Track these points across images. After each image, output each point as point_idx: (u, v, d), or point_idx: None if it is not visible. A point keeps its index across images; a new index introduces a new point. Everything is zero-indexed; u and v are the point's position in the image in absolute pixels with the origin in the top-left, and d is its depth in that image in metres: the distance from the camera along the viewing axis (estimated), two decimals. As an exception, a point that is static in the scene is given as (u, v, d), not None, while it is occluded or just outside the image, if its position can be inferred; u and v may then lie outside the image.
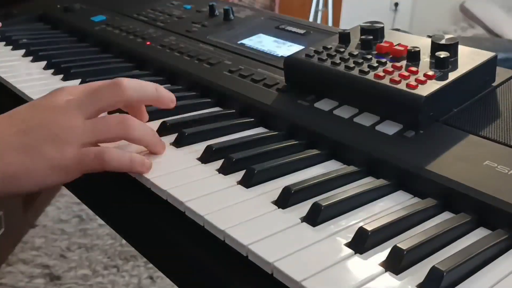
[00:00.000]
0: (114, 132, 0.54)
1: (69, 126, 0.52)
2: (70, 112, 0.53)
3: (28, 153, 0.51)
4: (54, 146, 0.51)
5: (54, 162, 0.51)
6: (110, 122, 0.54)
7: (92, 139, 0.53)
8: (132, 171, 0.53)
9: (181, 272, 0.50)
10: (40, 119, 0.52)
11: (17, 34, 1.01)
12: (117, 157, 0.53)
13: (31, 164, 0.50)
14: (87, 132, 0.53)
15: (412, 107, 0.56)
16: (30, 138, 0.51)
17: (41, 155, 0.51)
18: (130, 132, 0.54)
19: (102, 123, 0.54)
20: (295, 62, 0.68)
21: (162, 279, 1.69)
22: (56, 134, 0.51)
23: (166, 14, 1.02)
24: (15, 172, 0.50)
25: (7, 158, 0.50)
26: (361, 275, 0.40)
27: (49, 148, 0.51)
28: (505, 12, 3.19)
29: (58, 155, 0.51)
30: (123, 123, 0.54)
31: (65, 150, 0.51)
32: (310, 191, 0.50)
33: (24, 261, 1.74)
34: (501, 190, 0.46)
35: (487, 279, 0.40)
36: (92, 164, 0.52)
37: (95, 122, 0.53)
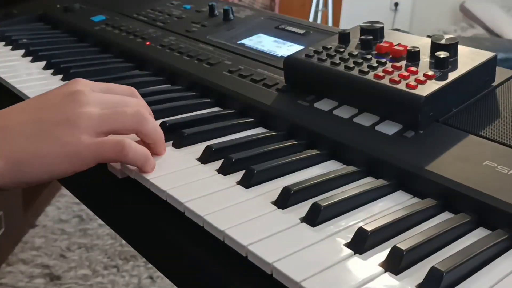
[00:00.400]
0: (129, 124, 0.53)
1: (85, 112, 0.50)
2: (87, 99, 0.52)
3: (41, 137, 0.49)
4: (69, 131, 0.49)
5: (69, 147, 0.49)
6: (127, 112, 0.53)
7: (106, 128, 0.51)
8: (142, 168, 0.53)
9: (181, 272, 0.50)
10: (54, 104, 0.51)
11: (17, 34, 1.01)
12: (135, 150, 0.51)
13: (44, 149, 0.48)
14: (103, 120, 0.51)
15: (411, 107, 0.56)
16: (43, 123, 0.49)
17: (55, 139, 0.49)
18: (144, 125, 0.53)
19: (118, 113, 0.52)
20: (295, 62, 0.68)
21: (162, 279, 1.69)
22: (72, 118, 0.50)
23: (166, 14, 1.02)
24: (26, 159, 0.48)
25: (18, 145, 0.48)
26: (361, 275, 0.40)
27: (63, 132, 0.49)
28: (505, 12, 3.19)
29: (74, 140, 0.49)
30: (138, 115, 0.53)
31: (81, 135, 0.49)
32: (309, 191, 0.50)
33: (24, 261, 1.74)
34: (501, 190, 0.46)
35: (487, 279, 0.40)
36: (110, 153, 0.51)
37: (112, 112, 0.52)
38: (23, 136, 0.49)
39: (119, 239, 1.84)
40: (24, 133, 0.49)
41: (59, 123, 0.49)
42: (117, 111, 0.52)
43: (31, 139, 0.49)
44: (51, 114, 0.50)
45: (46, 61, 0.87)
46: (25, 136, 0.49)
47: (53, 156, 0.49)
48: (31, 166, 0.49)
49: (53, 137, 0.49)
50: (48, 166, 0.49)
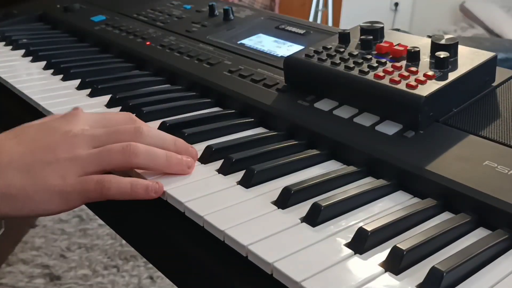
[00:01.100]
0: (118, 162, 0.51)
1: (75, 153, 0.51)
2: (80, 142, 0.51)
3: (30, 176, 0.49)
4: (56, 172, 0.49)
5: (55, 189, 0.49)
6: (114, 150, 0.51)
7: (96, 168, 0.51)
8: (137, 198, 0.51)
9: (181, 272, 0.50)
10: (48, 142, 0.51)
11: (17, 34, 1.01)
12: (117, 184, 0.50)
13: (32, 188, 0.49)
14: (91, 161, 0.51)
15: (412, 107, 0.56)
16: (35, 160, 0.50)
17: (42, 180, 0.49)
18: (134, 161, 0.51)
19: (105, 151, 0.51)
20: (295, 62, 0.68)
21: (162, 279, 1.69)
22: (61, 160, 0.50)
23: (166, 14, 1.02)
24: (15, 194, 0.49)
25: (9, 178, 0.49)
26: (361, 275, 0.40)
27: (51, 173, 0.49)
28: (505, 12, 3.19)
29: (60, 182, 0.49)
30: (127, 151, 0.51)
31: (67, 177, 0.50)
32: (309, 192, 0.50)
33: (24, 261, 1.74)
34: (501, 190, 0.46)
35: (487, 279, 0.40)
36: (93, 193, 0.50)
37: (100, 151, 0.51)
38: (16, 170, 0.49)
39: (119, 239, 1.84)
40: (17, 166, 0.49)
41: (49, 163, 0.50)
42: (104, 149, 0.51)
43: (22, 175, 0.49)
44: (43, 153, 0.50)
45: (46, 61, 0.87)
46: (17, 169, 0.49)
47: (40, 197, 0.49)
48: (19, 202, 0.49)
49: (41, 177, 0.49)
50: (36, 204, 0.50)
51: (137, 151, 0.51)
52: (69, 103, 0.72)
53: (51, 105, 0.70)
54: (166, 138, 0.55)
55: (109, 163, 0.51)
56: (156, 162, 0.52)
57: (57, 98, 0.74)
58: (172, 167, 0.53)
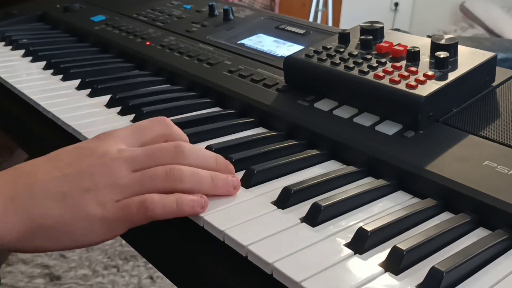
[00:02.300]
0: (161, 186, 0.47)
1: (115, 179, 0.47)
2: (118, 165, 0.47)
3: (68, 204, 0.45)
4: (95, 200, 0.45)
5: (96, 217, 0.45)
6: (157, 175, 0.47)
7: (137, 193, 0.47)
8: (182, 215, 0.47)
9: (181, 272, 0.50)
10: (85, 167, 0.47)
11: (17, 34, 1.01)
12: (162, 203, 0.46)
13: (70, 217, 0.45)
14: (132, 187, 0.47)
15: (411, 107, 0.56)
16: (72, 188, 0.46)
17: (81, 208, 0.45)
18: (179, 185, 0.47)
19: (147, 177, 0.47)
20: (295, 62, 0.68)
21: (162, 279, 1.69)
22: (100, 186, 0.46)
23: (166, 14, 1.02)
24: (52, 225, 0.45)
25: (46, 208, 0.45)
26: (361, 275, 0.40)
27: (89, 201, 0.45)
28: (505, 12, 3.19)
29: (100, 210, 0.45)
30: (171, 175, 0.47)
31: (106, 204, 0.46)
32: (309, 192, 0.50)
33: (24, 261, 1.74)
34: (501, 190, 0.46)
35: (487, 280, 0.40)
36: (137, 217, 0.46)
37: (141, 176, 0.47)
38: (51, 199, 0.45)
39: (119, 239, 1.84)
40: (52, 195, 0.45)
41: (87, 191, 0.46)
42: (147, 174, 0.47)
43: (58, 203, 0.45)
44: (80, 179, 0.46)
45: (46, 61, 0.87)
46: (52, 199, 0.45)
47: (80, 227, 0.45)
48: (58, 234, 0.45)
49: (79, 205, 0.45)
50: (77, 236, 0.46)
51: (182, 175, 0.48)
52: (69, 103, 0.72)
53: (51, 105, 0.70)
54: (207, 156, 0.51)
55: (151, 190, 0.47)
56: (202, 186, 0.49)
57: (57, 98, 0.73)
58: (218, 189, 0.50)
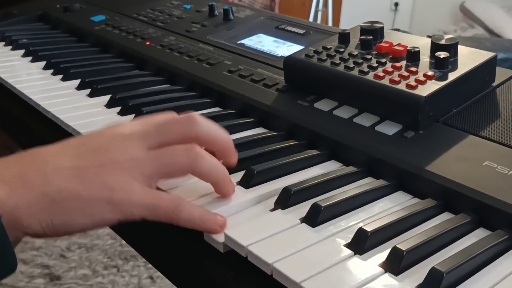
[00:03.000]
0: (180, 164, 0.45)
1: (130, 154, 0.44)
2: (132, 141, 0.45)
3: (85, 180, 0.42)
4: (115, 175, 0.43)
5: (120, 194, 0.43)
6: (176, 152, 0.46)
7: (156, 171, 0.45)
8: (202, 229, 0.45)
9: (181, 273, 0.50)
10: (97, 144, 0.45)
11: (17, 34, 1.01)
12: (189, 209, 0.45)
13: (87, 193, 0.42)
14: (150, 163, 0.45)
15: (412, 108, 0.56)
16: (86, 164, 0.43)
17: (100, 184, 0.43)
18: (199, 164, 0.46)
19: (167, 152, 0.45)
20: (295, 62, 0.68)
21: (162, 279, 1.69)
22: (116, 161, 0.43)
23: (166, 14, 1.01)
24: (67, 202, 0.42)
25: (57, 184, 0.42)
26: (361, 276, 0.40)
27: (108, 177, 0.43)
28: (505, 12, 3.19)
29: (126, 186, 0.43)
30: (191, 152, 0.46)
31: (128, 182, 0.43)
32: (309, 192, 0.50)
33: (24, 261, 1.74)
34: (501, 190, 0.46)
35: (487, 280, 0.40)
36: (163, 211, 0.44)
37: (159, 152, 0.45)
38: (62, 176, 0.42)
39: (119, 239, 1.84)
40: (66, 171, 0.43)
41: (104, 165, 0.43)
42: (166, 152, 0.46)
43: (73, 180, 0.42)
44: (94, 153, 0.44)
45: (46, 61, 0.87)
46: (65, 176, 0.42)
47: (98, 202, 0.42)
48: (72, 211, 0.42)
49: (98, 180, 0.43)
50: (92, 212, 0.43)
51: (202, 154, 0.46)
52: (69, 103, 0.72)
53: (51, 105, 0.70)
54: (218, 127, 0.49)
55: (170, 167, 0.45)
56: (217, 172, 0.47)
57: (57, 98, 0.73)
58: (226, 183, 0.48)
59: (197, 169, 0.46)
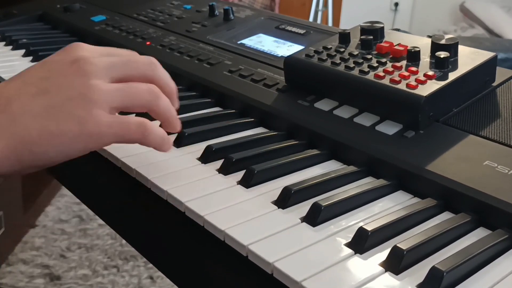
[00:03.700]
0: (143, 99, 0.49)
1: (96, 83, 0.45)
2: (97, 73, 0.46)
3: (52, 115, 0.43)
4: (83, 107, 0.44)
5: (88, 126, 0.44)
6: (140, 89, 0.49)
7: (120, 104, 0.47)
8: (160, 149, 0.51)
9: (181, 272, 0.50)
10: (59, 75, 0.45)
11: (17, 34, 1.01)
12: (156, 131, 0.49)
13: (57, 127, 0.43)
14: (116, 95, 0.47)
15: (412, 107, 0.56)
16: (52, 99, 0.44)
17: (69, 116, 0.44)
18: (159, 102, 0.50)
19: (132, 87, 0.48)
20: (295, 62, 0.68)
21: (162, 279, 1.69)
22: (84, 92, 0.44)
23: (166, 14, 1.02)
24: (36, 138, 0.43)
25: (24, 122, 0.43)
26: (361, 275, 0.40)
27: (78, 108, 0.44)
28: (505, 12, 3.19)
29: (92, 117, 0.44)
30: (152, 92, 0.49)
31: (96, 112, 0.45)
32: (310, 191, 0.50)
33: (24, 261, 1.74)
34: (501, 190, 0.46)
35: (487, 279, 0.40)
36: (134, 135, 0.47)
37: (125, 86, 0.48)
38: (29, 113, 0.43)
39: (119, 239, 1.84)
40: (30, 109, 0.43)
41: (71, 98, 0.44)
42: (131, 86, 0.48)
43: (39, 116, 0.43)
44: (58, 87, 0.45)
45: (46, 61, 0.87)
46: (32, 113, 0.43)
47: (68, 136, 0.44)
48: (43, 147, 0.43)
49: (67, 114, 0.44)
50: (63, 145, 0.44)
51: (161, 95, 0.50)
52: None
53: (51, 105, 0.70)
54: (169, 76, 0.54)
55: (133, 101, 0.48)
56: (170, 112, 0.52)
57: (57, 98, 0.73)
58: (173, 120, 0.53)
59: (155, 107, 0.50)
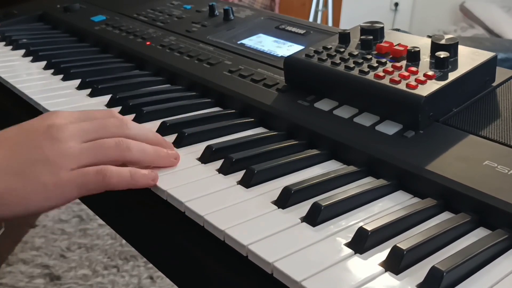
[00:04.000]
0: (112, 155, 0.51)
1: (65, 148, 0.49)
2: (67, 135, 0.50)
3: (18, 176, 0.47)
4: (48, 169, 0.48)
5: (49, 186, 0.48)
6: (107, 144, 0.51)
7: (92, 161, 0.50)
8: (136, 186, 0.51)
9: (182, 272, 0.50)
10: (32, 141, 0.49)
11: (17, 34, 1.01)
12: (117, 173, 0.50)
13: (22, 188, 0.47)
14: (84, 154, 0.50)
15: (412, 107, 0.56)
16: (20, 162, 0.48)
17: (34, 179, 0.47)
18: (127, 153, 0.52)
19: (99, 145, 0.51)
20: (295, 62, 0.68)
21: (162, 279, 1.69)
22: (50, 157, 0.48)
23: (166, 14, 1.02)
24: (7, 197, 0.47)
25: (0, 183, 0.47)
26: (361, 275, 0.40)
27: (42, 171, 0.48)
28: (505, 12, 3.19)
29: (53, 178, 0.48)
30: (120, 145, 0.52)
31: (60, 173, 0.48)
32: (310, 191, 0.50)
33: (24, 261, 1.74)
34: (501, 190, 0.46)
35: (487, 279, 0.40)
36: (93, 184, 0.49)
37: (93, 144, 0.51)
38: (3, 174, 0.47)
39: (119, 239, 1.84)
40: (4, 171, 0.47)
41: (37, 162, 0.48)
42: (98, 144, 0.51)
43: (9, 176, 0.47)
44: (28, 152, 0.48)
45: (46, 61, 0.87)
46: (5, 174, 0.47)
47: (32, 196, 0.48)
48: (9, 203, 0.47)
49: (32, 176, 0.48)
50: (28, 204, 0.48)
51: (130, 146, 0.52)
52: (69, 103, 0.72)
53: (51, 105, 0.70)
54: (147, 131, 0.56)
55: (103, 157, 0.51)
56: (147, 156, 0.53)
57: (57, 98, 0.74)
58: (161, 160, 0.55)
59: (128, 159, 0.52)
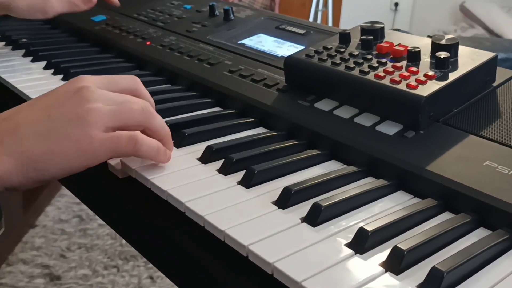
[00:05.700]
0: (137, 119, 0.53)
1: (93, 108, 0.51)
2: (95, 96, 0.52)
3: (53, 136, 0.49)
4: (80, 128, 0.50)
5: (83, 145, 0.50)
6: (134, 108, 0.53)
7: (116, 123, 0.52)
8: (157, 160, 0.55)
9: (182, 272, 0.50)
10: (62, 103, 0.51)
11: (17, 34, 1.01)
12: (148, 142, 0.53)
13: (57, 147, 0.49)
14: (112, 116, 0.51)
15: (412, 107, 0.56)
16: (54, 123, 0.50)
17: (67, 137, 0.49)
18: (152, 121, 0.54)
19: (126, 108, 0.53)
20: (295, 62, 0.68)
21: (162, 279, 1.69)
22: (81, 115, 0.50)
23: (166, 14, 1.02)
24: (40, 156, 0.49)
25: (29, 144, 0.49)
26: (361, 275, 0.40)
27: (75, 129, 0.50)
28: (505, 12, 3.19)
29: (86, 137, 0.50)
30: (146, 111, 0.54)
31: (92, 132, 0.50)
32: (310, 192, 0.50)
33: (24, 261, 1.74)
34: (501, 190, 0.46)
35: (488, 280, 0.40)
36: (126, 147, 0.52)
37: (120, 107, 0.52)
38: (35, 136, 0.49)
39: (119, 239, 1.84)
40: (35, 132, 0.50)
41: (70, 121, 0.50)
42: (125, 106, 0.53)
43: (43, 138, 0.49)
44: (60, 113, 0.51)
45: (47, 61, 0.87)
46: (37, 135, 0.49)
47: (67, 155, 0.50)
48: (45, 164, 0.49)
49: (65, 135, 0.50)
50: (63, 163, 0.50)
51: (154, 114, 0.55)
52: (70, 103, 0.71)
53: (52, 105, 0.70)
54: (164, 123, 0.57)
55: (129, 120, 0.52)
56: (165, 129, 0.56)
57: (58, 98, 0.73)
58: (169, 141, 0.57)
59: (150, 127, 0.54)
